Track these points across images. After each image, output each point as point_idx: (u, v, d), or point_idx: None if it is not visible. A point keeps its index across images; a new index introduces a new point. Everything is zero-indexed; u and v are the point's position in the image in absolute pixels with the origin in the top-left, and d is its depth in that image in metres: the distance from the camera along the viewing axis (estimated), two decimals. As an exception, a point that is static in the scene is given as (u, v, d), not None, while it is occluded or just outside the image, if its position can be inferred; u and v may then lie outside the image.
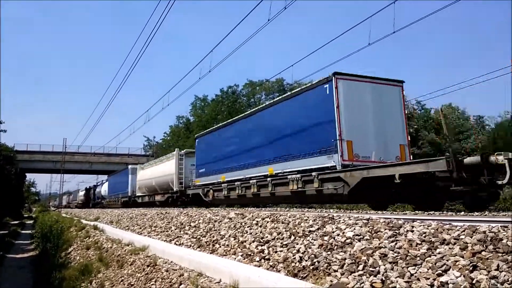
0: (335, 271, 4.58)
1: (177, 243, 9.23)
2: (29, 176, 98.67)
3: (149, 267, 8.18)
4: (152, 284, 7.31)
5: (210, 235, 8.38)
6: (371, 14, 11.80)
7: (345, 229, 5.47)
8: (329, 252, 5.02)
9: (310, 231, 5.96)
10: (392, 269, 4.11)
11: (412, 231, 4.68)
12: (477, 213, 8.33)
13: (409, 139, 13.45)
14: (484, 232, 3.99)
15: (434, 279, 3.65)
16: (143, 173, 34.46)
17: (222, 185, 19.36)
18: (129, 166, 39.50)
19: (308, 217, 6.65)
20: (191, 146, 35.36)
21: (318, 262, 4.92)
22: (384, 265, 4.21)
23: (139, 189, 35.48)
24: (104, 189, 51.69)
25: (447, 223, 4.69)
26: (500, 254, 3.59)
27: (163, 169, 28.90)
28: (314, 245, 5.42)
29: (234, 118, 21.68)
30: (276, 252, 5.89)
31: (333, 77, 12.53)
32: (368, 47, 12.65)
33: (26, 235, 35.33)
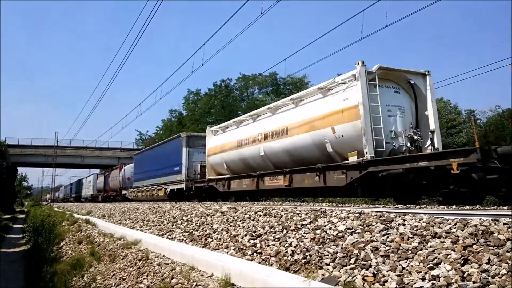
0: (327, 264, 4.58)
1: (169, 237, 9.21)
2: (21, 170, 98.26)
3: (141, 261, 8.14)
4: (144, 278, 7.27)
5: (203, 229, 8.36)
6: (364, 8, 11.81)
7: (337, 222, 5.47)
8: (321, 246, 5.02)
9: (302, 224, 5.96)
10: (383, 262, 4.11)
11: (404, 224, 4.69)
12: (468, 207, 8.37)
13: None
14: (476, 225, 4.00)
15: (426, 273, 3.65)
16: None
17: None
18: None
19: (300, 211, 6.65)
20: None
21: (310, 255, 4.92)
22: (376, 258, 4.21)
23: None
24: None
25: (439, 216, 4.70)
26: (491, 248, 3.60)
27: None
28: (306, 238, 5.42)
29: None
30: (268, 245, 5.89)
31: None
32: (361, 40, 12.65)
33: (18, 229, 35.11)
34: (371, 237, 4.66)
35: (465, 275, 3.41)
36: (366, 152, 10.52)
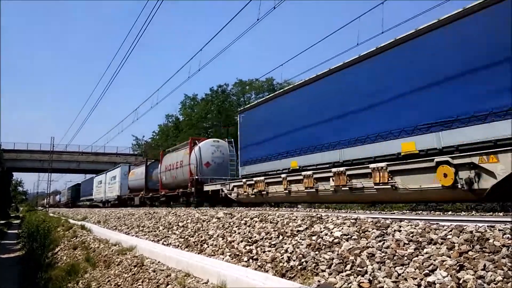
0: (322, 271, 4.56)
1: (164, 243, 9.17)
2: (16, 175, 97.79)
3: (136, 268, 8.10)
4: (139, 285, 7.23)
5: (198, 235, 8.33)
6: (360, 14, 11.75)
7: (333, 228, 5.46)
8: (317, 252, 5.01)
9: (298, 230, 5.95)
10: (379, 269, 4.10)
11: (400, 230, 4.69)
12: (464, 213, 8.39)
13: None
14: (471, 232, 4.01)
15: (421, 279, 3.64)
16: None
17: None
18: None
19: (296, 217, 6.64)
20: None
21: (306, 262, 4.90)
22: (372, 265, 4.21)
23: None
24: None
25: (435, 223, 4.70)
26: (486, 254, 3.60)
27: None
28: (302, 245, 5.40)
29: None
30: (264, 252, 5.87)
31: None
32: (357, 47, 12.53)
33: (13, 234, 34.89)
34: (367, 243, 4.66)
35: (460, 281, 3.41)
36: None
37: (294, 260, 5.12)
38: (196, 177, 20.52)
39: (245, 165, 17.13)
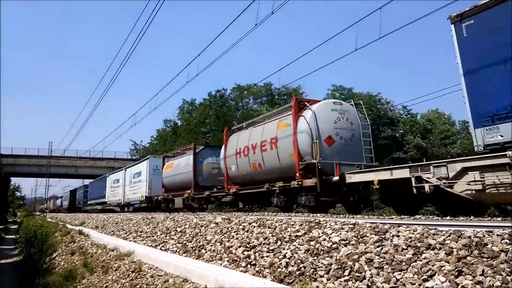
0: (321, 276, 4.55)
1: (162, 248, 9.14)
2: (14, 180, 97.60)
3: (134, 273, 8.06)
4: (137, 290, 7.20)
5: (196, 240, 8.31)
6: (358, 19, 11.79)
7: (331, 234, 5.45)
8: (315, 257, 4.99)
9: (296, 236, 5.94)
10: (378, 274, 4.09)
11: (398, 236, 4.68)
12: (462, 218, 8.38)
13: None
14: (469, 237, 4.00)
15: (420, 285, 3.64)
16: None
17: None
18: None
19: (294, 222, 6.63)
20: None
21: (304, 267, 4.89)
22: (370, 270, 4.20)
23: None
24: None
25: (433, 228, 4.69)
26: (485, 259, 3.60)
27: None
28: (300, 250, 5.39)
29: None
30: (262, 257, 5.85)
31: None
32: (355, 52, 12.45)
33: (10, 240, 34.75)
34: (365, 249, 4.65)
35: (459, 287, 3.40)
36: None
37: (292, 266, 5.10)
38: (314, 161, 12.30)
39: (502, 122, 7.92)
